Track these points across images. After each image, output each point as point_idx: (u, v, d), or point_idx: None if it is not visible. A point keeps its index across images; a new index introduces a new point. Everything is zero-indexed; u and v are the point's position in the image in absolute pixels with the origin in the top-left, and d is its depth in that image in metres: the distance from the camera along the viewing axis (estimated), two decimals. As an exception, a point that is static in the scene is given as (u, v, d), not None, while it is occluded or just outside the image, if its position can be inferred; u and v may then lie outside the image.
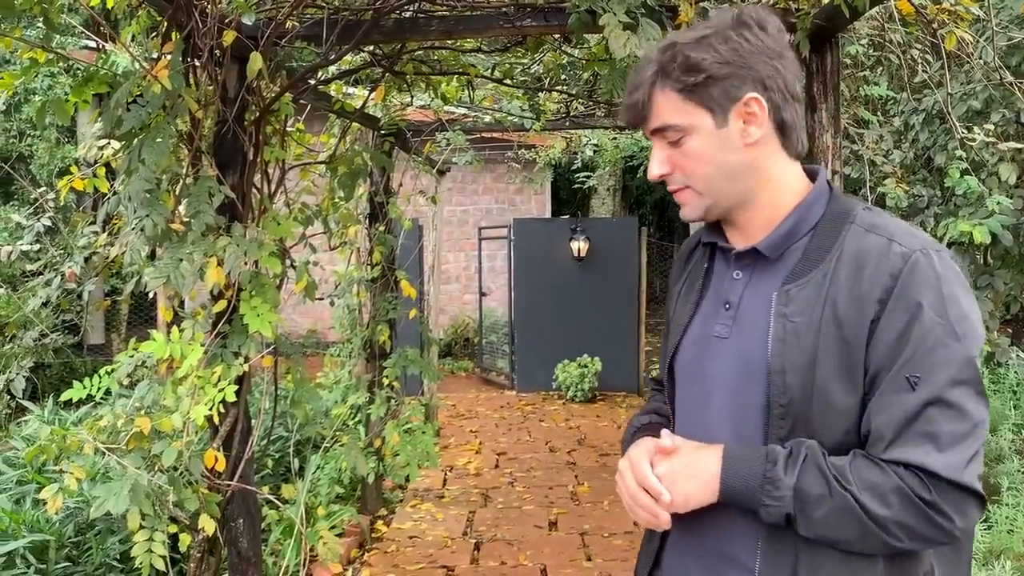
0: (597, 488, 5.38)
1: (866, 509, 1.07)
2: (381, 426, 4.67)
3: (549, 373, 8.47)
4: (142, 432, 2.65)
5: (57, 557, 3.32)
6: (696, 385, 1.28)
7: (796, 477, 1.10)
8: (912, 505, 1.06)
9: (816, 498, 1.09)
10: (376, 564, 4.17)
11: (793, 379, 1.13)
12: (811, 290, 1.15)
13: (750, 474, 1.13)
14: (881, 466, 1.09)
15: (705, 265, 1.33)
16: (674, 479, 1.19)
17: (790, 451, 1.13)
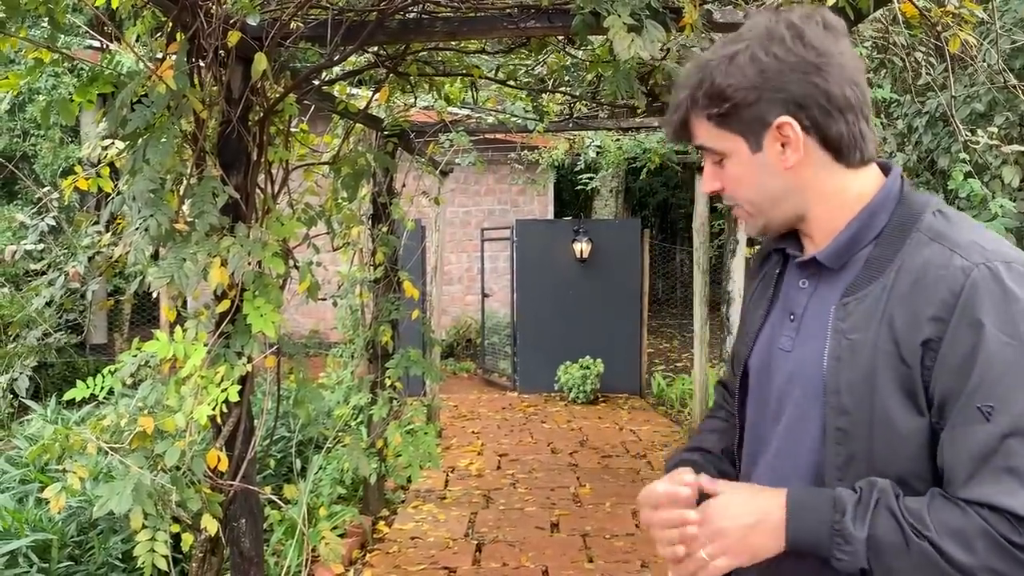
0: (599, 490, 5.37)
1: (949, 557, 0.98)
2: (383, 427, 4.67)
3: (551, 374, 8.47)
4: (145, 432, 2.66)
5: (60, 556, 3.33)
6: (761, 399, 1.23)
7: (868, 528, 1.01)
8: (1000, 549, 0.97)
9: (892, 549, 1.01)
10: (378, 565, 4.17)
11: (849, 400, 1.07)
12: (869, 304, 1.08)
13: (818, 525, 1.05)
14: (962, 507, 1.00)
15: (777, 271, 1.28)
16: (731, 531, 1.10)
17: (859, 496, 1.04)
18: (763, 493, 1.12)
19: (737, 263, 4.96)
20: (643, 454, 6.28)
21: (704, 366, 6.68)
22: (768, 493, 1.11)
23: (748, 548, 1.10)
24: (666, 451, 6.32)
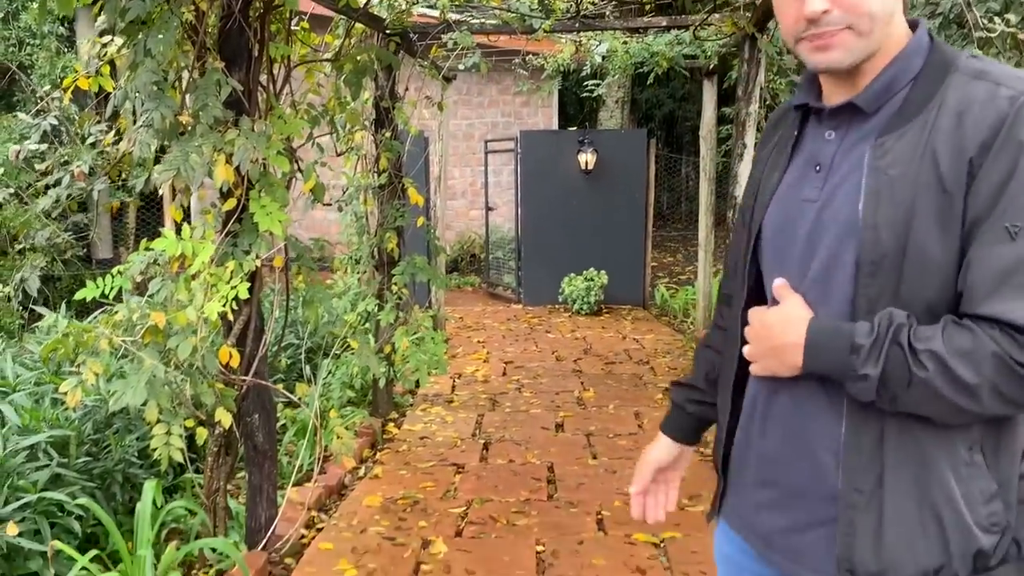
0: (602, 393, 5.47)
1: (956, 377, 1.03)
2: (391, 332, 4.72)
3: (555, 287, 8.52)
4: (157, 326, 2.69)
5: (78, 453, 3.41)
6: (783, 249, 1.25)
7: (881, 367, 1.07)
8: (1006, 369, 1.02)
9: (899, 383, 1.06)
10: (388, 462, 4.28)
11: (886, 234, 1.09)
12: (909, 140, 1.10)
13: (833, 363, 1.11)
14: (973, 330, 1.04)
15: (795, 131, 1.29)
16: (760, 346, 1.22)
17: (876, 335, 1.08)
18: (789, 324, 1.17)
19: (744, 168, 4.92)
20: (646, 360, 6.36)
21: (708, 275, 6.70)
22: (793, 326, 1.17)
23: (770, 365, 1.21)
24: (669, 363, 6.40)
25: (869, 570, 1.12)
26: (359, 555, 3.21)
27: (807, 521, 1.21)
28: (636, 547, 3.24)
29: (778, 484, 1.25)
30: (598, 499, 3.73)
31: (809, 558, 1.20)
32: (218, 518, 3.10)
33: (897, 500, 1.11)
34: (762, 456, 1.29)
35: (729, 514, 1.39)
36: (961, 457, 1.11)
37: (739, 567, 1.39)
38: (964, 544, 1.10)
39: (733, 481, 1.38)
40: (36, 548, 2.81)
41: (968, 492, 1.11)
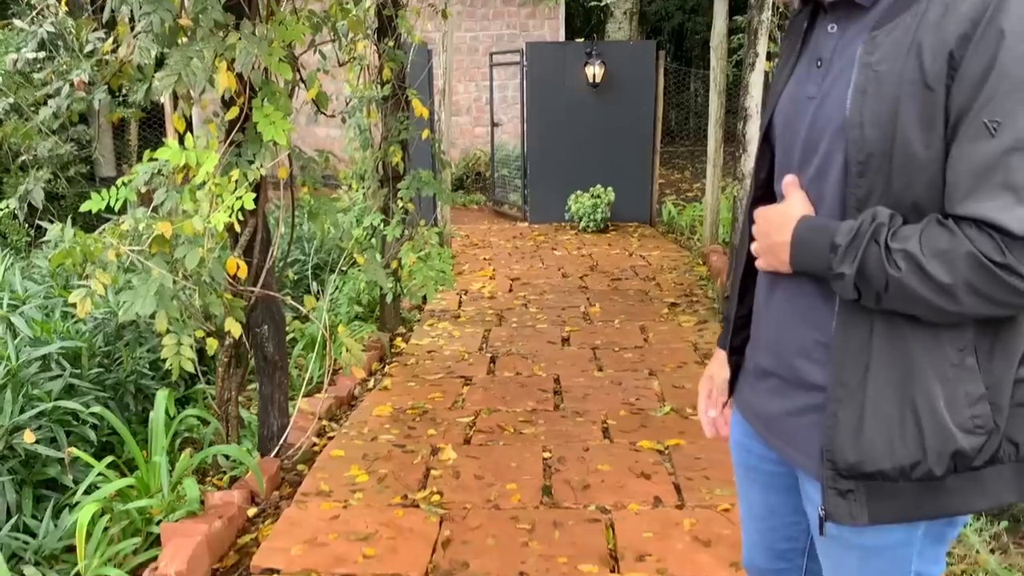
0: (609, 309, 5.49)
1: (931, 276, 1.04)
2: (397, 248, 4.72)
3: (562, 205, 8.46)
4: (164, 236, 2.68)
5: (90, 365, 3.46)
6: (789, 147, 1.25)
7: (856, 266, 1.08)
8: (981, 268, 1.02)
9: (876, 282, 1.08)
10: (397, 375, 4.33)
11: (872, 132, 1.08)
12: (899, 35, 1.08)
13: (815, 261, 1.14)
14: (952, 230, 1.04)
15: (804, 25, 1.28)
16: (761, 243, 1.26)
17: (855, 234, 1.09)
18: (784, 223, 1.20)
19: (755, 77, 4.81)
20: (652, 277, 6.36)
21: (716, 190, 6.64)
22: (786, 225, 1.20)
23: (770, 262, 1.25)
24: (675, 279, 6.40)
25: (847, 461, 1.15)
26: (370, 461, 3.28)
27: (800, 407, 1.25)
28: (641, 454, 3.30)
29: (776, 373, 1.30)
30: (604, 409, 3.78)
31: (800, 442, 1.25)
32: (230, 427, 3.16)
33: (878, 397, 1.13)
34: (763, 346, 1.34)
35: (738, 399, 1.46)
36: (949, 359, 1.12)
37: (748, 451, 1.46)
38: (941, 444, 1.12)
39: (742, 369, 1.44)
40: (53, 455, 2.87)
41: (952, 394, 1.12)
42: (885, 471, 1.13)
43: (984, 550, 2.00)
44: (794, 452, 1.27)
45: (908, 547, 1.22)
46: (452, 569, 2.53)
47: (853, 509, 1.17)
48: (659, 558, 2.55)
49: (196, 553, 2.45)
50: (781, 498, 1.44)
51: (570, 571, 2.50)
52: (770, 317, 1.31)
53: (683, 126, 15.82)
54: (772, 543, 1.50)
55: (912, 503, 1.16)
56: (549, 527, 2.76)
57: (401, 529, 2.76)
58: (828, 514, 1.19)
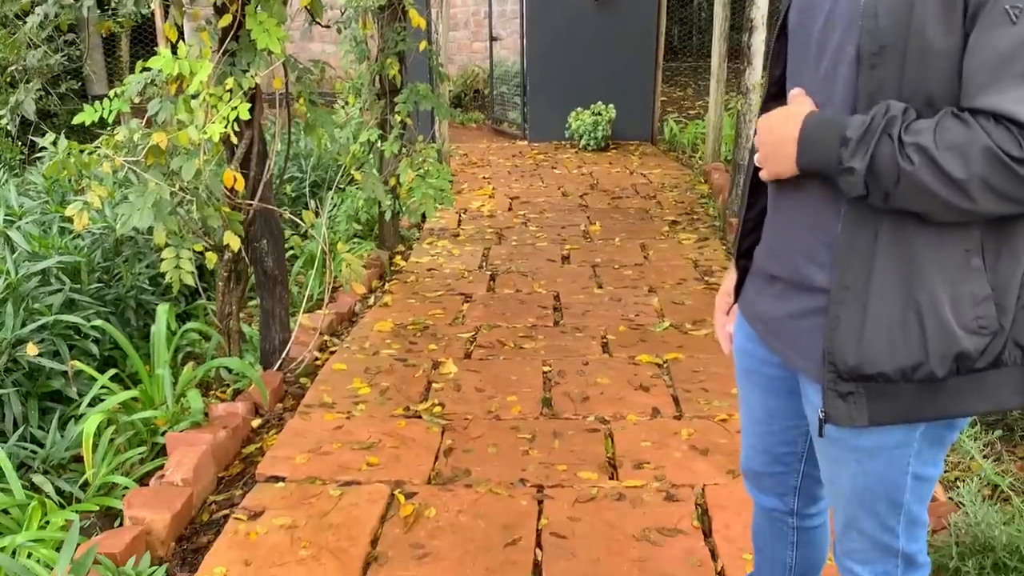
0: (609, 227, 5.46)
1: (945, 171, 1.01)
2: (395, 164, 4.66)
3: (562, 123, 8.33)
4: (159, 147, 2.64)
5: (89, 280, 3.45)
6: (801, 44, 1.23)
7: (868, 160, 1.05)
8: (997, 163, 0.98)
9: (890, 176, 1.04)
10: (397, 292, 4.34)
11: (886, 22, 1.05)
12: None
13: (823, 156, 1.11)
14: (968, 123, 1.00)
15: None
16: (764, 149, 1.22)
17: (867, 127, 1.06)
18: (788, 120, 1.17)
19: (762, -13, 4.68)
20: (652, 195, 6.31)
21: (719, 107, 6.53)
22: (791, 121, 1.17)
23: (773, 168, 1.22)
24: (676, 197, 6.35)
25: (848, 363, 1.15)
26: (372, 375, 3.31)
27: (803, 310, 1.25)
28: (640, 367, 3.32)
29: (782, 277, 1.29)
30: (603, 325, 3.80)
31: (802, 344, 1.25)
32: (232, 341, 3.17)
33: (882, 299, 1.13)
34: (769, 251, 1.33)
35: (743, 303, 1.45)
36: (954, 260, 1.11)
37: (750, 356, 1.46)
38: (944, 345, 1.12)
39: (748, 272, 1.43)
40: (57, 368, 2.89)
41: (956, 295, 1.11)
42: (886, 373, 1.13)
43: (979, 456, 2.04)
44: (795, 355, 1.27)
45: (906, 448, 1.23)
46: (454, 476, 2.58)
47: (853, 411, 1.18)
48: (657, 466, 2.60)
49: (202, 461, 2.49)
50: (781, 402, 1.45)
51: (569, 478, 2.55)
52: (776, 221, 1.30)
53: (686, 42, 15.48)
54: (770, 447, 1.52)
55: (912, 405, 1.17)
56: (549, 437, 2.80)
57: (404, 439, 2.80)
58: (828, 416, 1.20)
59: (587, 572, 2.13)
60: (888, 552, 1.31)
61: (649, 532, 2.27)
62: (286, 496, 2.49)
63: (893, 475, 1.25)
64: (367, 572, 2.15)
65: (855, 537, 1.32)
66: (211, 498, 2.53)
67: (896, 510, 1.27)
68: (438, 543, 2.26)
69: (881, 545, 1.31)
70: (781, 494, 1.56)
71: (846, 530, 1.33)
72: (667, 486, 2.49)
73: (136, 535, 2.15)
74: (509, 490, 2.50)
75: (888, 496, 1.26)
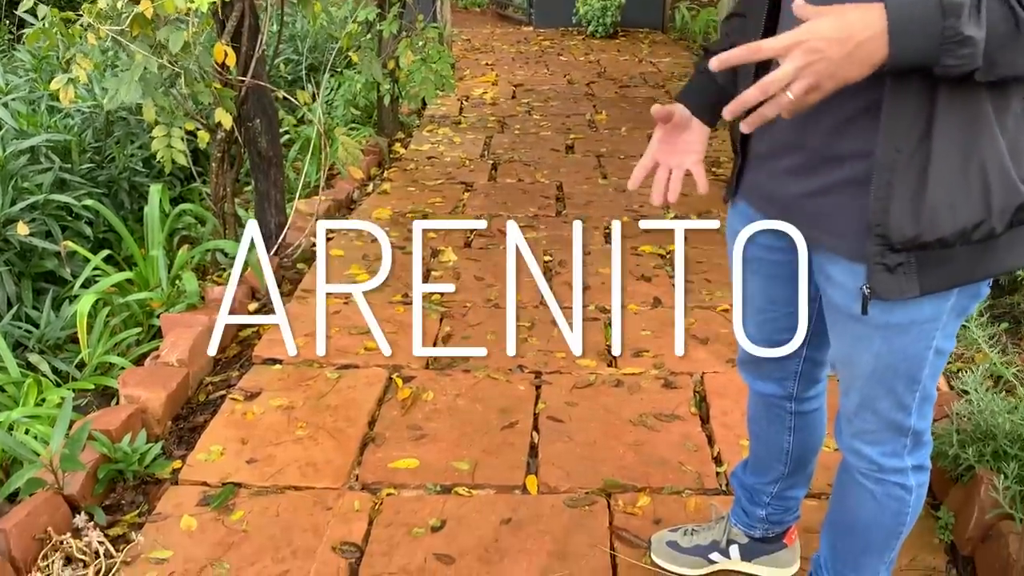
0: (615, 116, 5.32)
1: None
2: (394, 46, 4.48)
3: (569, 8, 8.04)
4: (144, 16, 2.51)
5: (80, 160, 3.36)
6: None
7: (985, 26, 0.91)
8: None
9: (1007, 40, 0.92)
10: (396, 179, 4.25)
11: None
12: None
13: (927, 37, 0.92)
14: None
15: None
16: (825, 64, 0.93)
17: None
18: (854, 10, 0.94)
19: None
20: (661, 84, 6.13)
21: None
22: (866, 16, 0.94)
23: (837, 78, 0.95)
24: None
25: (905, 234, 1.06)
26: (370, 261, 3.26)
27: (831, 184, 1.15)
28: (642, 258, 3.27)
29: (804, 147, 1.17)
30: (606, 215, 3.73)
31: (831, 221, 1.16)
32: (227, 225, 3.11)
33: (942, 159, 1.03)
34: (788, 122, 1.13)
35: (747, 190, 1.35)
36: (1012, 110, 1.04)
37: (751, 242, 1.34)
38: (1006, 199, 1.05)
39: (754, 154, 1.31)
40: (49, 248, 2.84)
41: (1015, 145, 1.05)
42: (945, 238, 1.06)
43: (985, 346, 2.01)
44: (822, 233, 1.18)
45: (936, 321, 1.17)
46: (452, 361, 2.56)
47: (903, 283, 1.10)
48: (656, 354, 2.58)
49: (197, 342, 2.47)
50: (784, 289, 1.37)
51: (568, 365, 2.53)
52: None
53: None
54: (771, 334, 1.46)
55: (963, 267, 1.11)
56: (548, 325, 2.77)
57: (402, 324, 2.77)
58: (874, 292, 1.11)
59: (583, 454, 2.13)
60: (900, 431, 1.27)
61: (646, 417, 2.27)
62: (283, 378, 2.48)
63: (918, 351, 1.19)
64: (364, 452, 2.16)
65: (868, 418, 1.28)
66: (207, 379, 2.52)
67: (913, 387, 1.23)
68: (435, 425, 2.26)
69: (895, 425, 1.27)
70: (781, 379, 1.52)
71: (860, 410, 1.29)
72: (665, 373, 2.48)
73: (132, 413, 2.14)
74: (507, 376, 2.49)
75: (909, 373, 1.21)
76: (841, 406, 1.34)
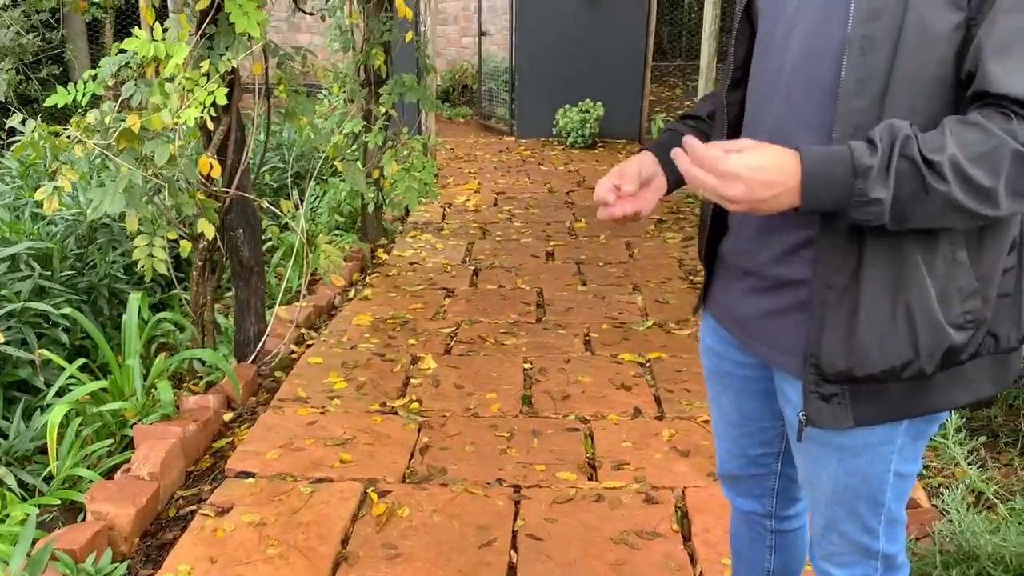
0: (594, 224, 5.41)
1: (974, 182, 0.95)
2: (379, 156, 4.59)
3: (549, 119, 8.27)
4: (131, 130, 2.56)
5: (61, 267, 3.36)
6: (774, 25, 1.17)
7: (892, 188, 0.96)
8: None
9: (912, 199, 0.97)
10: (378, 285, 4.27)
11: (880, 3, 1.00)
12: None
13: (837, 194, 0.99)
14: (984, 128, 0.95)
15: None
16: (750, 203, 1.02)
17: (881, 152, 0.97)
18: (782, 162, 1.01)
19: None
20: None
21: (707, 106, 6.49)
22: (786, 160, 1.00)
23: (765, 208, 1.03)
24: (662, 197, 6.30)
25: (836, 367, 1.10)
26: (349, 369, 3.24)
27: (781, 307, 1.20)
28: (622, 366, 3.27)
29: (760, 270, 1.23)
30: (586, 322, 3.75)
31: (783, 342, 1.20)
32: (206, 333, 3.09)
33: (870, 298, 1.07)
34: (740, 247, 1.27)
35: (713, 304, 1.39)
36: (942, 254, 1.06)
37: (720, 356, 1.40)
38: (934, 342, 1.08)
39: (718, 273, 1.37)
40: (24, 356, 2.81)
41: (944, 290, 1.07)
42: (875, 374, 1.09)
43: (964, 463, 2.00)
44: (775, 353, 1.22)
45: (890, 445, 1.19)
46: (430, 474, 2.52)
47: (837, 413, 1.13)
48: (637, 467, 2.55)
49: (170, 455, 2.42)
50: (756, 404, 1.40)
51: (548, 478, 2.49)
52: (748, 222, 1.23)
53: (675, 43, 15.45)
54: (746, 449, 1.47)
55: (897, 403, 1.13)
56: (528, 436, 2.75)
57: (379, 435, 2.74)
58: (810, 419, 1.15)
59: (562, 575, 2.07)
60: (868, 554, 1.27)
61: (627, 535, 2.22)
62: (255, 492, 2.42)
63: (876, 473, 1.21)
64: (336, 572, 2.09)
65: (835, 539, 1.28)
66: (178, 493, 2.46)
67: (877, 510, 1.23)
68: (410, 543, 2.20)
69: (862, 547, 1.26)
70: (759, 496, 1.52)
71: (825, 532, 1.29)
72: (647, 488, 2.44)
73: (98, 530, 2.08)
74: (485, 490, 2.44)
75: (870, 495, 1.22)
76: (811, 526, 1.34)
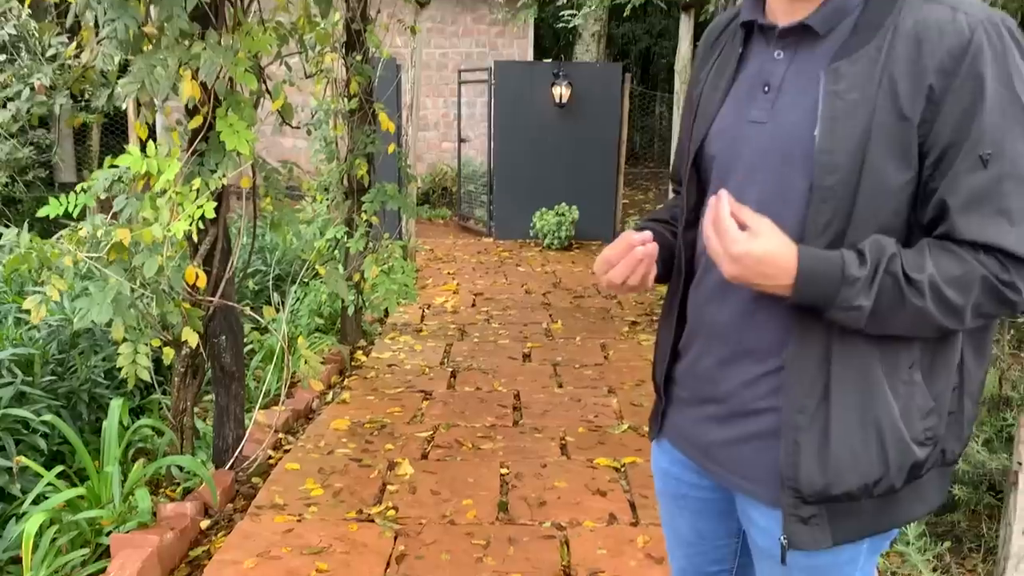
0: (570, 326, 5.52)
1: (948, 301, 1.08)
2: (360, 261, 4.71)
3: (527, 221, 8.51)
4: (122, 243, 2.66)
5: (43, 372, 3.40)
6: (724, 171, 1.23)
7: (873, 299, 1.08)
8: (992, 289, 1.07)
9: (890, 310, 1.09)
10: (356, 388, 4.32)
11: (842, 159, 1.09)
12: (864, 66, 1.09)
13: (824, 294, 1.09)
14: (959, 255, 1.08)
15: (739, 49, 1.26)
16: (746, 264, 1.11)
17: (869, 265, 1.08)
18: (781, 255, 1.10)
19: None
20: (614, 295, 6.42)
21: (678, 212, 6.73)
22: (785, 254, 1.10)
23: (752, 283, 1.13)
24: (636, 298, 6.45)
25: (815, 487, 1.15)
26: (326, 475, 3.26)
27: (746, 435, 1.24)
28: (598, 471, 3.32)
29: (722, 399, 1.27)
30: (563, 425, 3.80)
31: (749, 468, 1.25)
32: (185, 438, 3.12)
33: (842, 417, 1.14)
34: (704, 374, 1.30)
35: (669, 431, 1.42)
36: (901, 375, 1.15)
37: (677, 480, 1.43)
38: (902, 458, 1.16)
39: (675, 399, 1.39)
40: (1, 464, 2.81)
41: (906, 408, 1.15)
42: (851, 491, 1.15)
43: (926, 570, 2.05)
44: (740, 480, 1.26)
45: (854, 563, 1.24)
46: (406, 584, 2.53)
47: (816, 534, 1.18)
48: (612, 575, 2.57)
49: (146, 565, 2.42)
50: (711, 524, 1.43)
51: (524, 587, 2.51)
52: (714, 344, 1.28)
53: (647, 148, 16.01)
54: (701, 567, 1.50)
55: (871, 519, 1.19)
56: (504, 543, 2.77)
57: (355, 544, 2.75)
58: (791, 542, 1.19)
59: None
60: None
61: (602, 644, 2.23)
62: (231, 603, 2.41)
63: None
64: None
65: None
66: (153, 604, 2.44)
67: None
68: (386, 655, 2.19)
69: None
70: None
71: None
72: (621, 596, 2.46)
73: (71, 644, 2.06)
74: (461, 598, 2.45)
75: None
76: None
